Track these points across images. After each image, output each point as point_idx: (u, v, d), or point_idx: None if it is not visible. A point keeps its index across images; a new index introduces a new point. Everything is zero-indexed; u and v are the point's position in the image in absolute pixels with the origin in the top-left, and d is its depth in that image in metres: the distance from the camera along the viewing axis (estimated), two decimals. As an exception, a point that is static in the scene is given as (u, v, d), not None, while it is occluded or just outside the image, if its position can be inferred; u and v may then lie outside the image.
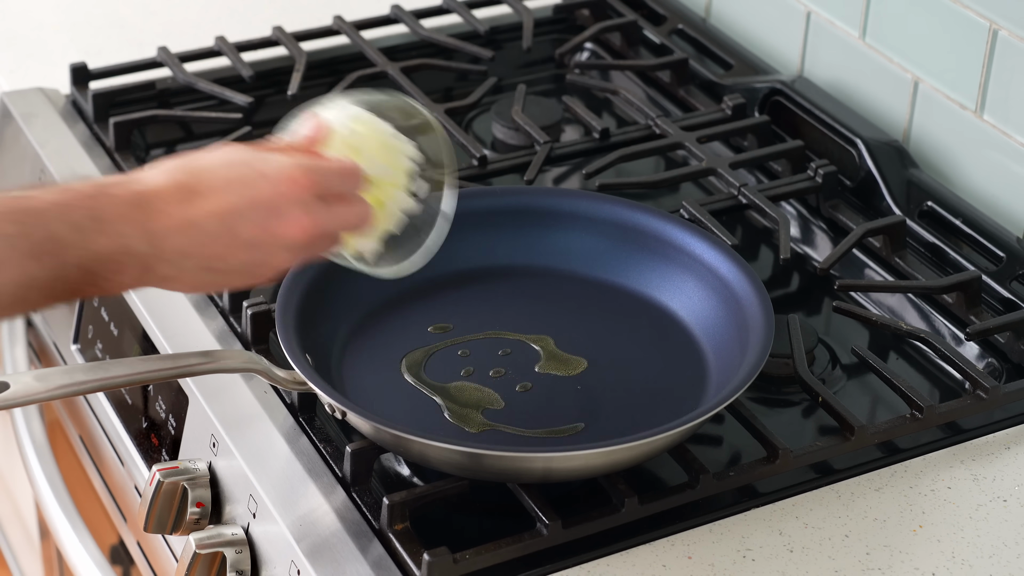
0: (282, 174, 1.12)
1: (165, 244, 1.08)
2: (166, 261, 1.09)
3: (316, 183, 1.13)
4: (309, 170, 1.13)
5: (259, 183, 1.12)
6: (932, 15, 1.60)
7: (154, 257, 1.08)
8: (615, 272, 1.42)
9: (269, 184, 1.12)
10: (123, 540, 1.58)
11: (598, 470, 1.21)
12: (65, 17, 1.94)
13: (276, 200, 1.11)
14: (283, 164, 1.13)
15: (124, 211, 1.07)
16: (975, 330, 1.41)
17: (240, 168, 1.12)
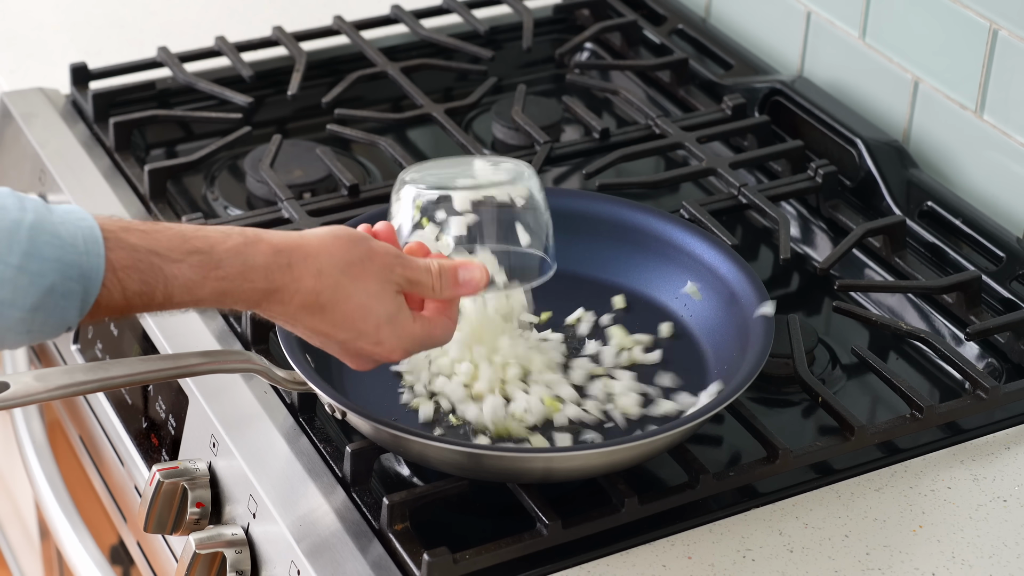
0: (393, 349, 1.18)
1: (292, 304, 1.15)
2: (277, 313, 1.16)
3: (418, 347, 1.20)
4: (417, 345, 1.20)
5: (369, 349, 1.18)
6: (932, 15, 1.60)
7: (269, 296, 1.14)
8: (615, 272, 1.42)
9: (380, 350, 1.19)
10: (123, 540, 1.58)
11: (598, 470, 1.21)
12: (65, 17, 1.94)
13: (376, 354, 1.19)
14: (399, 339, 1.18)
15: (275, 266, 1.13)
16: (975, 330, 1.41)
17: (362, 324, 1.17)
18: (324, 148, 1.63)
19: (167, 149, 1.73)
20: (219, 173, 1.68)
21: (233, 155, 1.69)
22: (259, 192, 1.62)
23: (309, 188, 1.61)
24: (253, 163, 1.63)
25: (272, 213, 1.54)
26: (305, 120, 1.77)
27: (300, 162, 1.65)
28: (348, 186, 1.56)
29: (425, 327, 1.19)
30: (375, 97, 1.80)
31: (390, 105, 1.80)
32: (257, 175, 1.61)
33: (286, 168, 1.63)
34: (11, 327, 1.05)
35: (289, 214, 1.53)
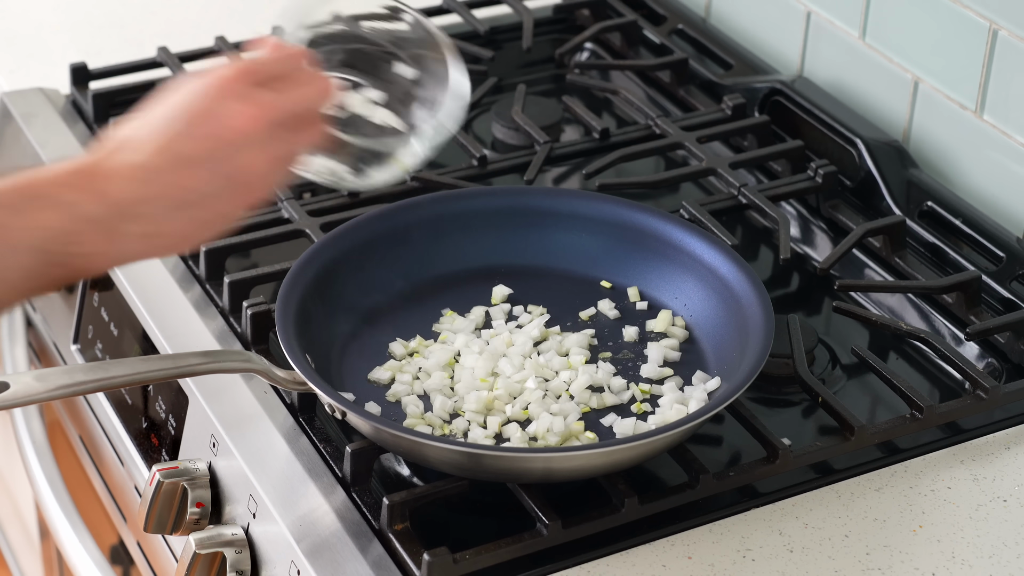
0: (207, 78, 1.05)
1: (120, 198, 1.01)
2: (132, 216, 1.01)
3: (247, 72, 1.06)
4: (237, 65, 1.06)
5: (187, 98, 1.05)
6: (932, 15, 1.60)
7: (116, 216, 1.01)
8: (615, 272, 1.42)
9: (197, 94, 1.05)
10: (123, 540, 1.58)
11: (598, 470, 1.21)
12: (65, 17, 1.94)
13: (208, 104, 1.04)
14: (209, 71, 1.05)
15: (65, 180, 1.01)
16: (975, 330, 1.41)
17: (168, 96, 1.06)
18: (324, 148, 1.63)
19: (167, 149, 1.73)
20: (219, 173, 1.68)
21: (233, 155, 1.69)
22: (259, 192, 1.61)
23: (309, 188, 1.61)
24: (253, 163, 1.63)
25: (271, 213, 1.54)
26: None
27: (300, 162, 1.65)
28: (348, 186, 1.56)
29: None
30: (375, 97, 1.80)
31: (390, 105, 1.80)
32: (257, 175, 1.61)
33: (286, 168, 1.63)
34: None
35: (289, 214, 1.53)
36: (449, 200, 1.44)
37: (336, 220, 1.49)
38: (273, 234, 1.49)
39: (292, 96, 1.08)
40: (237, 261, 1.51)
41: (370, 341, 1.36)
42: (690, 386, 1.32)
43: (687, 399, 1.30)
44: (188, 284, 1.48)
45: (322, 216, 1.52)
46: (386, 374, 1.32)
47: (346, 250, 1.37)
